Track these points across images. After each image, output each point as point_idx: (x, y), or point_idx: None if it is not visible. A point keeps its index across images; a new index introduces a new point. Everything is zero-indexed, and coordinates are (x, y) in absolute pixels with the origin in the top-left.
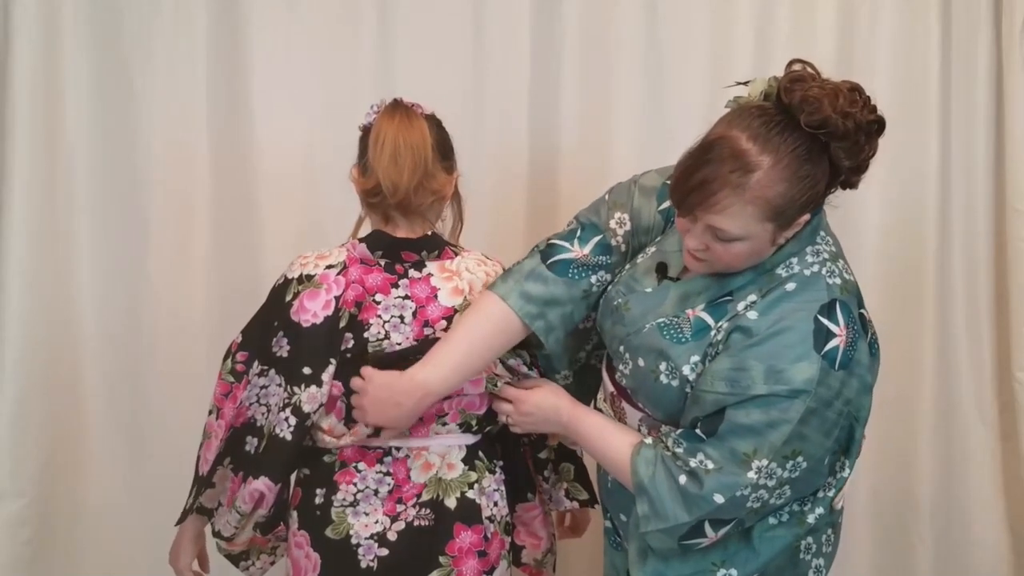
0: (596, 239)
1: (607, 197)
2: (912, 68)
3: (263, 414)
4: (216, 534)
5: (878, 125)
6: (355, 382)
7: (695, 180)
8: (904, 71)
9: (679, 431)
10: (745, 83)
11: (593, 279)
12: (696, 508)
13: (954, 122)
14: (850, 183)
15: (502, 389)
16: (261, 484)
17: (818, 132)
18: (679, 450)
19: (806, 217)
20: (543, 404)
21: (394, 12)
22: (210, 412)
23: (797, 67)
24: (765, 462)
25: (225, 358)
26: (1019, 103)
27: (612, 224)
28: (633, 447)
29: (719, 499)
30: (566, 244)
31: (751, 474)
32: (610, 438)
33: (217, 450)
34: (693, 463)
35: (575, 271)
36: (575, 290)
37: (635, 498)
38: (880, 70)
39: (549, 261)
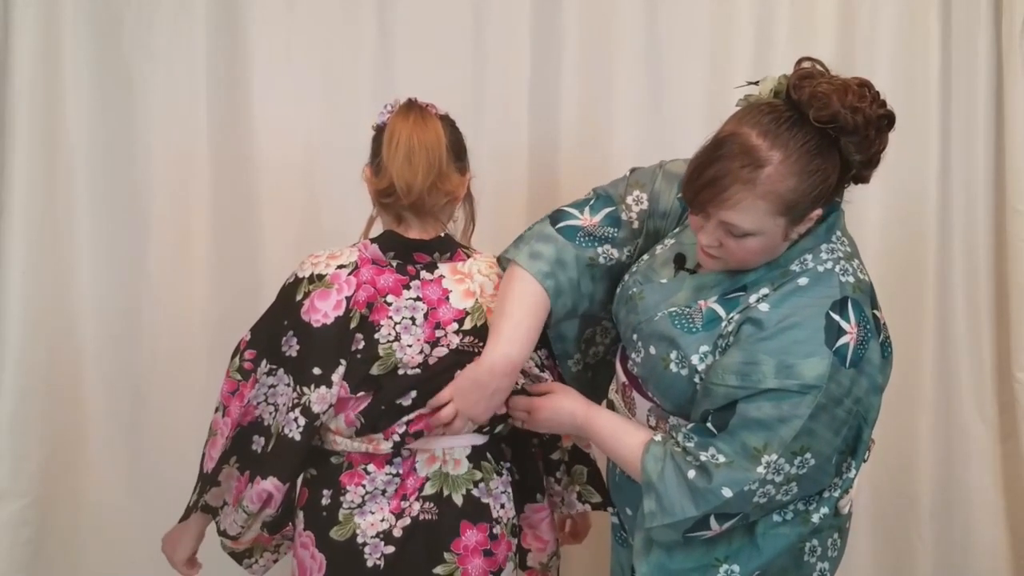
0: (607, 210)
1: (628, 175)
2: (912, 68)
3: (271, 414)
4: (222, 533)
5: (888, 120)
6: (441, 396)
7: (706, 177)
8: (904, 71)
9: (690, 426)
10: (756, 83)
11: (599, 250)
12: (704, 502)
13: (954, 122)
14: (862, 177)
15: (516, 400)
16: (269, 484)
17: (828, 127)
18: (690, 444)
19: (818, 212)
20: (558, 409)
21: (394, 12)
22: (216, 409)
23: (807, 64)
24: (774, 457)
25: (233, 356)
26: (1019, 103)
27: (629, 200)
28: (644, 445)
29: (727, 493)
30: (575, 212)
31: (760, 469)
32: (623, 437)
33: (223, 448)
34: (704, 457)
35: (582, 238)
36: (582, 256)
37: (643, 494)
38: (880, 70)
39: (558, 225)
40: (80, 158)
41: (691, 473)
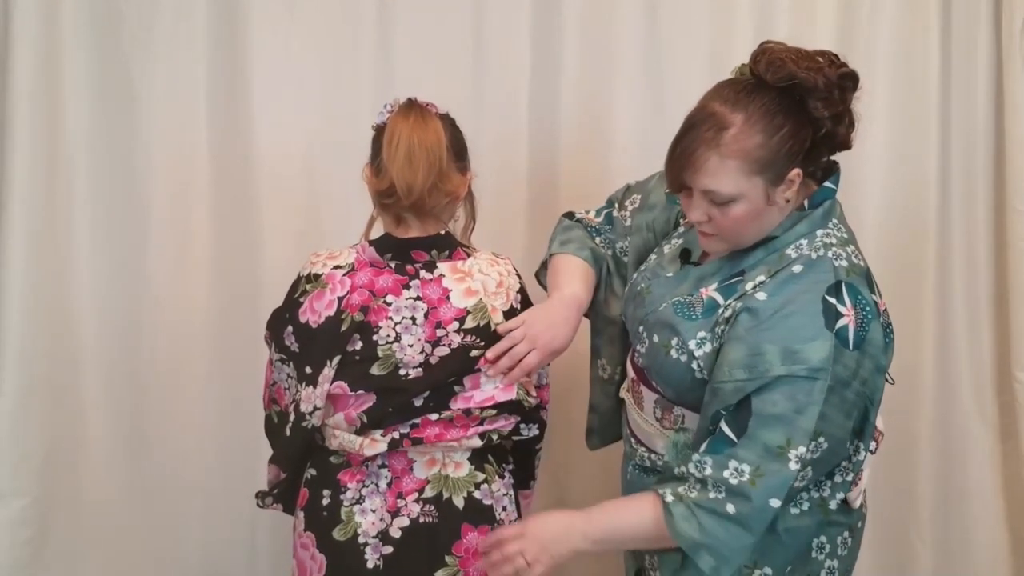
0: (606, 211)
1: (633, 183)
2: (912, 68)
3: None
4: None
5: (852, 79)
6: (508, 328)
7: (679, 151)
8: (904, 71)
9: (701, 449)
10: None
11: (598, 239)
12: (758, 522)
13: (954, 122)
14: (839, 139)
15: (497, 530)
16: (272, 470)
17: (788, 85)
18: (707, 472)
19: (797, 172)
20: (548, 526)
21: (394, 12)
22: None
23: (767, 44)
24: (802, 450)
25: (267, 345)
26: (1019, 103)
27: (626, 203)
28: (656, 511)
29: (775, 503)
30: (583, 212)
31: (793, 465)
32: (627, 514)
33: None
34: (728, 476)
35: (589, 229)
36: (593, 241)
37: (692, 559)
38: (880, 70)
39: (573, 219)
40: (80, 158)
41: (730, 507)
